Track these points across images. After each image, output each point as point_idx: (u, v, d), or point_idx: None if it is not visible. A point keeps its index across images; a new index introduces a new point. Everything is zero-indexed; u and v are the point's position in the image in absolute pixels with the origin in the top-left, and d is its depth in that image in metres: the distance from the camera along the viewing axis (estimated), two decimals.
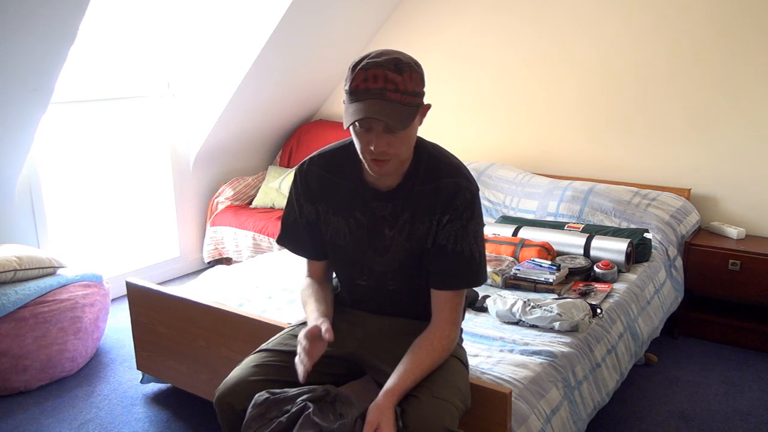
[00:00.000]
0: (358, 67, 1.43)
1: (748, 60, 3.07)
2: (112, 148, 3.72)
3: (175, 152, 4.00)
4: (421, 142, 1.62)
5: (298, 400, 1.48)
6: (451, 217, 1.55)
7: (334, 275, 1.83)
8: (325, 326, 1.51)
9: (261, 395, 1.51)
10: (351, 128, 1.49)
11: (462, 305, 1.63)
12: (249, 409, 1.49)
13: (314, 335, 1.52)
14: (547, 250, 2.70)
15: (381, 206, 1.60)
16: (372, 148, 1.45)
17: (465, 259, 1.56)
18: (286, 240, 1.76)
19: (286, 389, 1.52)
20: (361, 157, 1.52)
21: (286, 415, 1.45)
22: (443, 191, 1.56)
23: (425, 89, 1.50)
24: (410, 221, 1.59)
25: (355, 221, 1.63)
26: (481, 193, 3.41)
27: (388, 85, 1.41)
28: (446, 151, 1.65)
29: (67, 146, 3.50)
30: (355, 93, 1.43)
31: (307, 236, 1.71)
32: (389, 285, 1.66)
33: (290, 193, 1.72)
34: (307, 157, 1.70)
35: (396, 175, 1.58)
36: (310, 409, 1.44)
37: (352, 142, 1.63)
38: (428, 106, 1.54)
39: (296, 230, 1.73)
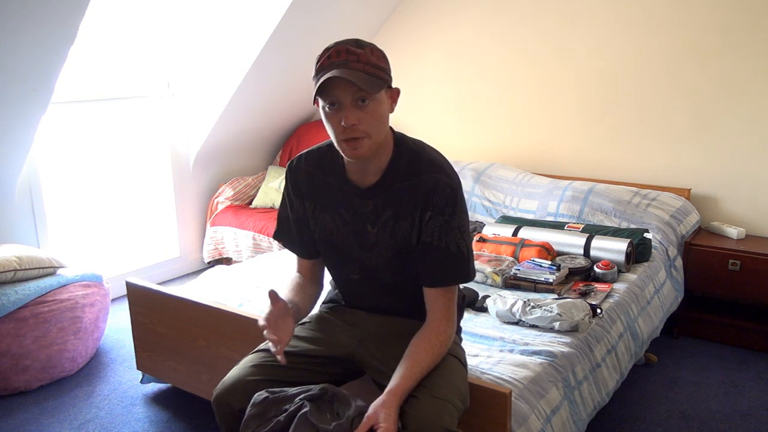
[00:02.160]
0: (323, 51, 1.49)
1: (748, 60, 3.07)
2: (112, 148, 3.72)
3: (175, 152, 4.00)
4: (402, 137, 1.62)
5: (296, 399, 1.48)
6: (433, 213, 1.55)
7: (330, 279, 1.83)
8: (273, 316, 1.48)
9: (260, 394, 1.51)
10: (322, 114, 1.51)
11: (455, 300, 1.62)
12: (248, 408, 1.49)
13: (275, 316, 1.48)
14: (547, 250, 2.70)
15: (363, 203, 1.61)
16: (343, 123, 1.45)
17: (452, 255, 1.56)
18: (280, 235, 1.78)
19: (285, 389, 1.52)
20: (337, 146, 1.53)
21: (284, 414, 1.45)
22: (422, 187, 1.55)
23: (392, 77, 1.54)
24: (393, 218, 1.59)
25: (340, 218, 1.64)
26: (480, 193, 3.46)
27: (350, 57, 1.45)
28: (428, 146, 1.64)
29: (67, 146, 3.50)
30: (319, 71, 1.46)
31: (297, 233, 1.72)
32: (384, 278, 1.66)
33: (283, 190, 1.74)
34: (297, 155, 1.72)
35: (376, 172, 1.58)
36: (307, 409, 1.44)
37: None
38: (398, 91, 1.56)
39: (288, 226, 1.74)
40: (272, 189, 4.08)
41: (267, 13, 3.50)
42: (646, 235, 2.85)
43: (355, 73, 1.43)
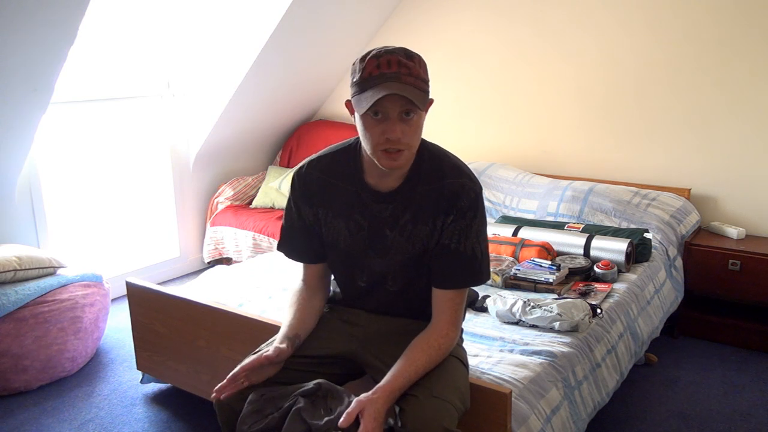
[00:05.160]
0: (369, 57, 1.45)
1: (747, 60, 3.07)
2: (112, 148, 3.72)
3: (175, 152, 4.00)
4: (422, 142, 1.61)
5: (292, 396, 1.48)
6: (456, 217, 1.55)
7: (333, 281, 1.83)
8: (275, 353, 1.53)
9: (257, 392, 1.51)
10: (361, 121, 1.47)
11: (463, 305, 1.62)
12: (245, 406, 1.49)
13: (260, 364, 1.53)
14: (547, 250, 2.70)
15: (382, 208, 1.60)
16: (388, 136, 1.44)
17: (468, 258, 1.56)
18: (285, 247, 1.75)
19: (282, 386, 1.53)
20: (370, 152, 1.49)
21: (279, 411, 1.46)
22: (447, 192, 1.55)
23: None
24: (412, 222, 1.58)
25: (355, 224, 1.62)
26: None
27: (402, 69, 1.44)
28: (448, 152, 1.64)
29: (67, 146, 3.50)
30: (368, 80, 1.43)
31: (306, 241, 1.70)
32: (389, 286, 1.66)
33: (289, 197, 1.70)
34: (306, 160, 1.68)
35: (398, 176, 1.58)
36: (301, 405, 1.44)
37: (351, 144, 1.63)
38: (432, 101, 1.55)
39: (294, 236, 1.71)
40: (272, 189, 4.08)
41: (267, 13, 3.50)
42: (646, 235, 2.85)
43: (408, 88, 1.42)
